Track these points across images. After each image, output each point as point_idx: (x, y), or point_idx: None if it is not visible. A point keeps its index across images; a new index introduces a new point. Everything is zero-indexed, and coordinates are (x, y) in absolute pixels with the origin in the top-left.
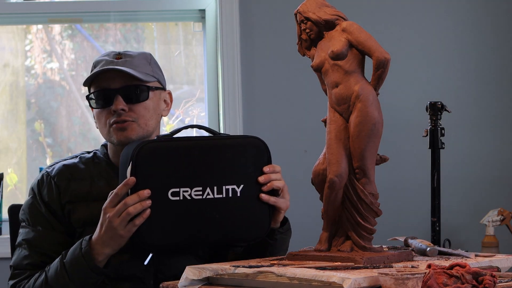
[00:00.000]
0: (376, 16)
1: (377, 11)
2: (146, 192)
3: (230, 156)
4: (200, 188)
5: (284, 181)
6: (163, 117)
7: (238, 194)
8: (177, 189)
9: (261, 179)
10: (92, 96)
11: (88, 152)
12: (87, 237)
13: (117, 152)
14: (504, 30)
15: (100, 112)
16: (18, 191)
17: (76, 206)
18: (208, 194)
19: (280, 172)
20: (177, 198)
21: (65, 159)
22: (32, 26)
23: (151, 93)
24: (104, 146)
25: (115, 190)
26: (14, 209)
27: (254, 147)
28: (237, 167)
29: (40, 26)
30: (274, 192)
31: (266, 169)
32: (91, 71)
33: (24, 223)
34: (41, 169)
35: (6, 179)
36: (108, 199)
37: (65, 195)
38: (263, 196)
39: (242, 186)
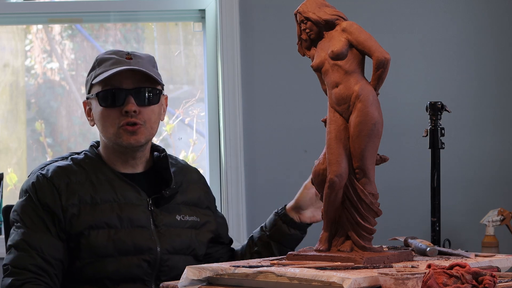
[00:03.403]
0: (376, 16)
1: (377, 11)
2: None
3: None
4: None
5: None
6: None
7: None
8: None
9: None
10: (100, 94)
11: (78, 153)
12: None
13: (115, 153)
14: (504, 30)
15: (107, 111)
16: (18, 191)
17: (81, 209)
18: None
19: None
20: None
21: (55, 160)
22: (32, 26)
23: (161, 97)
24: (94, 146)
25: None
26: (8, 210)
27: None
28: None
29: (40, 26)
30: None
31: None
32: (94, 68)
33: (19, 223)
34: None
35: (6, 179)
36: None
37: (66, 197)
38: None
39: None
